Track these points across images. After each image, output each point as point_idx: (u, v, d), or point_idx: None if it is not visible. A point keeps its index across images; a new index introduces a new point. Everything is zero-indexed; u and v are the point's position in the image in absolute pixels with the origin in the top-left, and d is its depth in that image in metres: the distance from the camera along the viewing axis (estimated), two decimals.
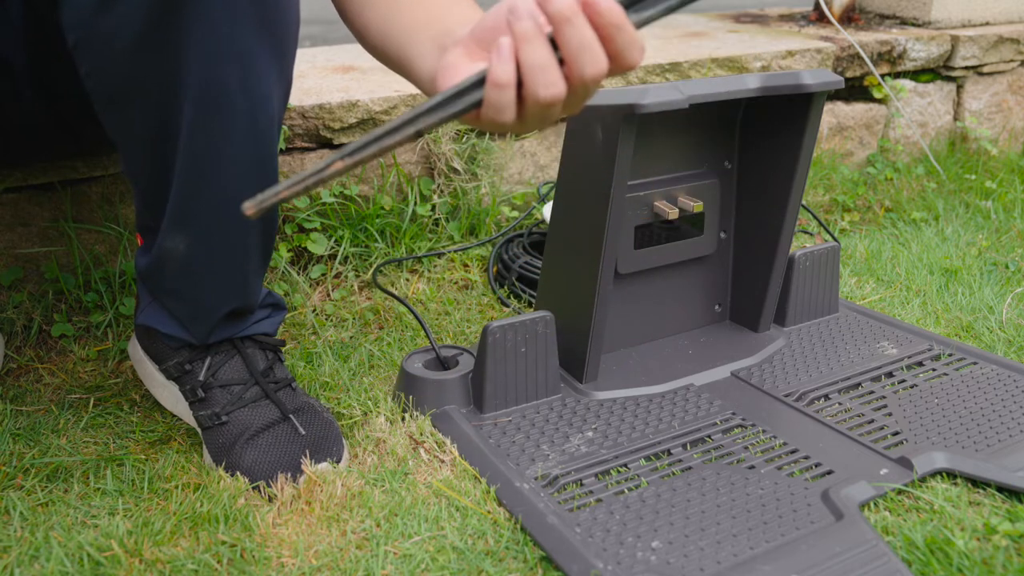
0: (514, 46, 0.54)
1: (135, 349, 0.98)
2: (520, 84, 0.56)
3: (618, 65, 0.56)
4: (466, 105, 0.57)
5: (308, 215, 1.28)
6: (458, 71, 0.60)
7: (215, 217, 0.81)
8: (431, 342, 1.05)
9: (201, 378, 0.89)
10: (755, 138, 1.10)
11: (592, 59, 0.55)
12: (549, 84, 0.55)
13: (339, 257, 1.29)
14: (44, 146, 1.02)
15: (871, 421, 0.95)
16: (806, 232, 1.54)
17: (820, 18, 2.02)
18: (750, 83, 0.97)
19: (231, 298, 0.87)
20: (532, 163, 1.52)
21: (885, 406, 0.98)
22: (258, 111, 0.77)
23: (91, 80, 0.74)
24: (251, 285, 0.89)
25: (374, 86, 1.38)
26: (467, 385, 0.98)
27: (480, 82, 0.57)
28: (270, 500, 0.83)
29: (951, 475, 0.86)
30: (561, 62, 0.56)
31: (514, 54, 0.55)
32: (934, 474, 0.86)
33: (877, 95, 1.80)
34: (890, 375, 1.06)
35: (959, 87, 1.93)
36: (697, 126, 1.09)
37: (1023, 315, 1.23)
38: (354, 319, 1.20)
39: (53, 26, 0.73)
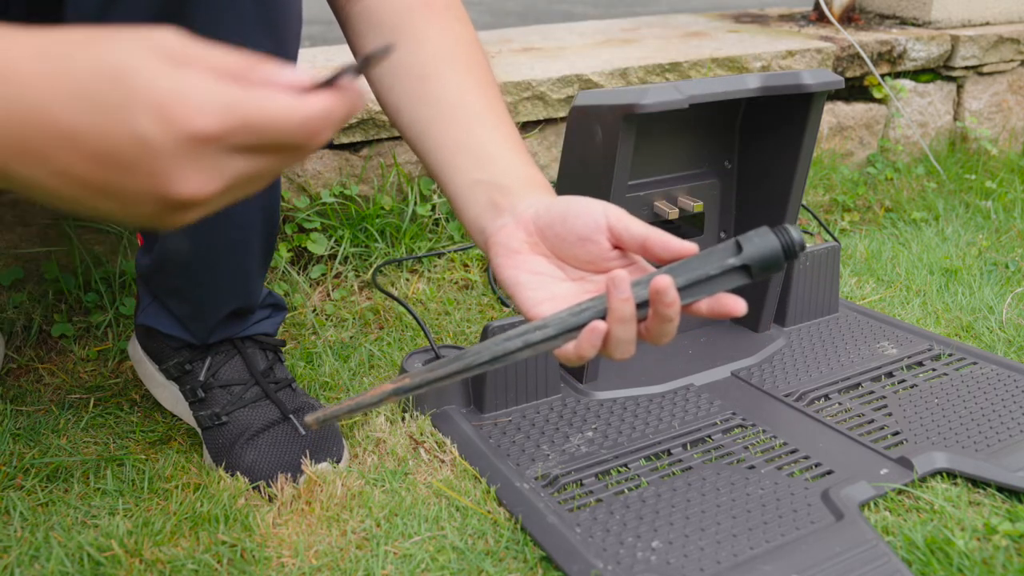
0: (608, 325, 0.59)
1: (135, 349, 0.98)
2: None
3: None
4: (544, 349, 0.60)
5: (308, 215, 1.28)
6: (520, 262, 0.65)
7: (217, 216, 0.81)
8: (430, 342, 1.05)
9: (201, 378, 0.89)
10: (755, 138, 1.10)
11: (665, 338, 0.61)
12: (625, 352, 0.61)
13: (339, 257, 1.29)
14: None
15: (871, 421, 0.95)
16: (806, 232, 1.54)
17: (820, 18, 2.02)
18: (750, 83, 0.97)
19: (232, 298, 0.88)
20: None
21: (885, 406, 0.98)
22: None
23: None
24: (252, 285, 0.89)
25: None
26: (467, 385, 0.98)
27: (569, 331, 0.60)
28: (270, 500, 0.83)
29: (951, 475, 0.86)
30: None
31: (605, 333, 0.59)
32: (934, 474, 0.86)
33: (877, 95, 1.80)
34: (890, 375, 1.06)
35: (959, 87, 1.93)
36: (697, 126, 1.09)
37: (1023, 315, 1.23)
38: (354, 319, 1.20)
39: (57, 25, 0.73)
